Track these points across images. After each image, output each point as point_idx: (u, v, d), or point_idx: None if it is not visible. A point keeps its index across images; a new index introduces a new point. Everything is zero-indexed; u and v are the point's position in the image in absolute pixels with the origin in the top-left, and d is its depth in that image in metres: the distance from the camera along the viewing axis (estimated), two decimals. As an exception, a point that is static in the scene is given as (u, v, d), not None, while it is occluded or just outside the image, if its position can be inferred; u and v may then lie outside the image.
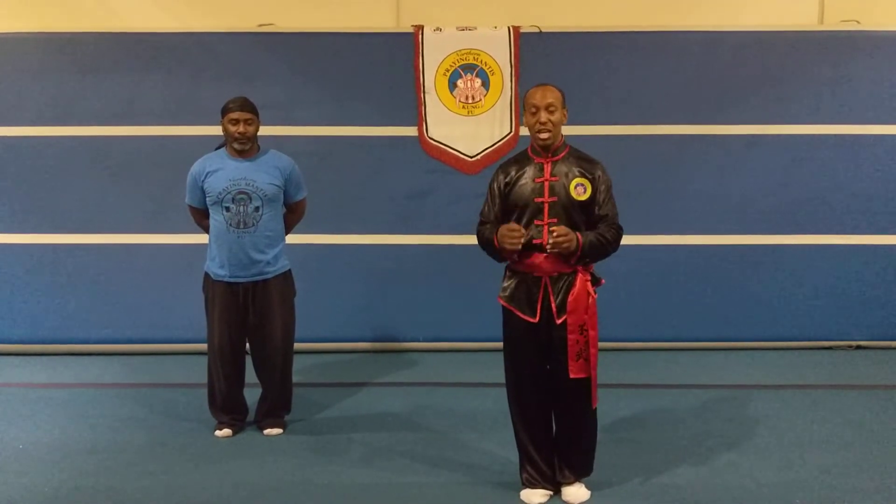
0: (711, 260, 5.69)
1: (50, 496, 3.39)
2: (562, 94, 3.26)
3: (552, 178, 3.22)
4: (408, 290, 5.69)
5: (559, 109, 3.22)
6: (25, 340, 5.61)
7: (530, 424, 3.34)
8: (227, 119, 3.93)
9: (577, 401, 3.26)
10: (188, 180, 4.06)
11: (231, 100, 3.98)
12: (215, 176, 3.95)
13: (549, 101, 3.20)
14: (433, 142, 5.67)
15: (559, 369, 3.22)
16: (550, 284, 3.21)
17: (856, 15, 5.71)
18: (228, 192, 3.92)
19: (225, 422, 4.10)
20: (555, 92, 3.24)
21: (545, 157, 3.26)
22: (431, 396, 4.71)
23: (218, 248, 3.98)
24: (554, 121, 3.20)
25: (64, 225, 5.63)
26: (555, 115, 3.20)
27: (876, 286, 5.68)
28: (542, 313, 3.22)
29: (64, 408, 4.50)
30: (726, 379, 5.04)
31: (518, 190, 3.25)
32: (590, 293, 3.19)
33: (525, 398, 3.33)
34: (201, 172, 4.00)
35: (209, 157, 4.06)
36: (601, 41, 5.65)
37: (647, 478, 3.54)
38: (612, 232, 3.22)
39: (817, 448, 3.88)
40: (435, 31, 5.63)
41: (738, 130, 5.66)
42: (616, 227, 3.24)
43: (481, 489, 3.46)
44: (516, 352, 3.32)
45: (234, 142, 3.95)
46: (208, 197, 3.98)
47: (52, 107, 5.61)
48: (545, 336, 3.23)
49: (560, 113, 3.22)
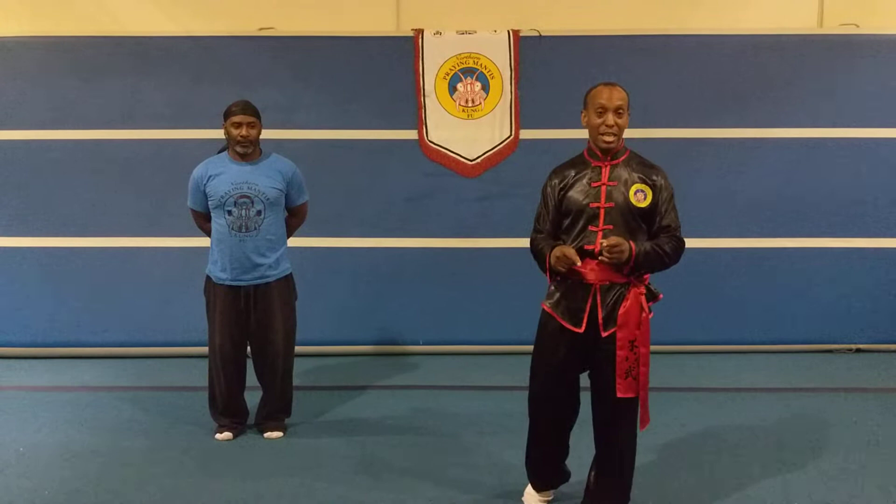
0: (712, 263, 5.70)
1: (51, 499, 3.39)
2: (628, 96, 3.04)
3: (610, 183, 3.03)
4: (408, 293, 5.69)
5: (627, 112, 3.03)
6: (25, 344, 5.60)
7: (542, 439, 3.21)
8: (229, 122, 3.93)
9: (622, 421, 3.06)
10: (190, 184, 4.05)
11: (234, 103, 3.97)
12: (218, 179, 3.94)
13: (617, 104, 2.99)
14: (433, 145, 5.68)
15: (604, 387, 3.03)
16: (600, 294, 3.01)
17: (855, 18, 5.72)
18: (231, 196, 3.91)
19: (225, 425, 4.10)
20: (622, 93, 3.02)
21: (604, 160, 3.07)
22: (432, 400, 4.71)
23: (220, 252, 3.98)
24: (621, 124, 3.01)
25: (64, 228, 5.63)
26: (622, 118, 3.01)
27: (877, 289, 5.68)
28: (588, 324, 3.03)
29: (65, 411, 4.50)
30: (727, 382, 5.05)
31: (573, 194, 3.06)
32: (643, 308, 2.99)
33: (542, 411, 3.17)
34: (203, 176, 3.99)
35: (211, 161, 4.04)
36: (601, 45, 5.66)
37: (647, 481, 3.54)
38: (671, 244, 3.02)
39: (817, 451, 3.88)
40: (435, 35, 5.64)
41: (738, 134, 5.67)
42: (677, 239, 3.05)
43: (482, 493, 3.46)
44: (547, 361, 3.15)
45: (237, 145, 3.94)
46: (211, 200, 3.97)
47: (53, 110, 5.61)
48: (590, 347, 3.04)
49: (627, 116, 3.03)
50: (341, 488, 3.51)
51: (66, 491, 3.47)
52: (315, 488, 3.52)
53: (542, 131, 5.60)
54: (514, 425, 4.25)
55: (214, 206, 3.96)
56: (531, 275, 5.58)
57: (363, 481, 3.59)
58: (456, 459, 3.82)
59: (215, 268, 4.02)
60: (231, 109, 3.94)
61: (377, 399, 4.74)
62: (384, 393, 4.86)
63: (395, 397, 4.76)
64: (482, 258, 5.69)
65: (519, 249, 5.64)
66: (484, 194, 5.69)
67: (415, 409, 4.55)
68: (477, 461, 3.79)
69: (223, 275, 3.98)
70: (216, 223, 3.99)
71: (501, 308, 5.62)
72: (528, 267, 5.60)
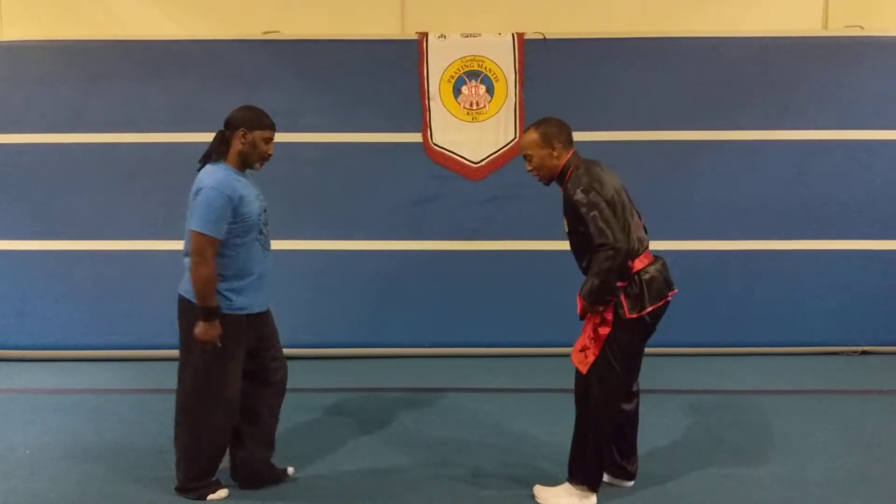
0: (715, 265, 5.69)
1: (57, 501, 3.41)
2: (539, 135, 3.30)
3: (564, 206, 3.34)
4: (413, 295, 5.69)
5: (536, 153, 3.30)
6: (33, 346, 5.63)
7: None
8: (260, 135, 3.39)
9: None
10: (218, 211, 3.26)
11: (263, 113, 3.44)
12: (246, 198, 3.36)
13: (523, 152, 3.36)
14: (438, 148, 5.69)
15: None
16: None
17: (859, 20, 5.72)
18: (261, 213, 3.44)
19: (214, 481, 3.51)
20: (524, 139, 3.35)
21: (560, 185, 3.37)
22: (438, 402, 4.72)
23: (252, 278, 3.42)
24: (535, 166, 3.34)
25: (71, 232, 5.66)
26: (532, 161, 3.33)
27: (881, 291, 5.67)
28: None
29: (71, 414, 4.52)
30: (731, 384, 5.04)
31: None
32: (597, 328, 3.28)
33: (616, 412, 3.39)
34: (235, 198, 3.30)
35: (227, 179, 3.34)
36: (605, 48, 5.67)
37: (647, 483, 3.54)
38: (594, 268, 3.13)
39: (821, 454, 3.88)
40: (439, 38, 5.66)
41: (742, 136, 5.67)
42: (598, 258, 3.11)
43: (489, 493, 3.46)
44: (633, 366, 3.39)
45: (259, 161, 3.44)
46: (245, 223, 3.35)
47: (59, 114, 5.64)
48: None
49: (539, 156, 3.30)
50: (344, 487, 3.52)
51: (72, 493, 3.48)
52: (317, 487, 3.53)
53: (547, 134, 5.60)
54: (519, 428, 4.26)
55: (248, 228, 3.36)
56: (535, 277, 5.63)
57: (367, 482, 3.59)
58: (462, 460, 3.83)
59: (240, 298, 3.39)
60: (265, 122, 3.42)
61: (383, 401, 4.74)
62: (389, 395, 4.86)
63: (401, 399, 4.76)
64: (487, 261, 5.70)
65: (523, 252, 5.69)
66: (489, 197, 5.70)
67: (421, 410, 4.56)
68: (482, 462, 3.79)
69: (251, 302, 3.42)
70: (245, 249, 3.38)
71: (506, 310, 5.62)
72: (532, 269, 5.67)
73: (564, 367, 5.53)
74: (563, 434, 4.02)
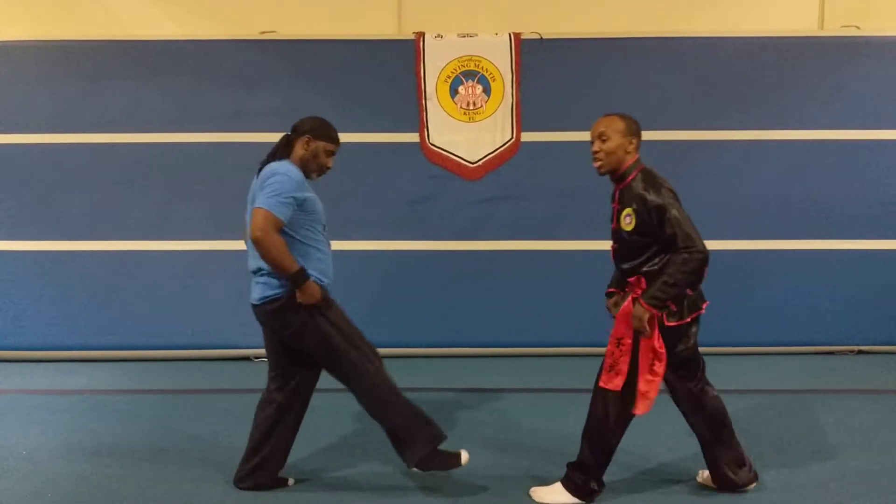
0: (712, 265, 5.65)
1: (54, 501, 3.40)
2: (625, 124, 3.24)
3: (615, 205, 3.25)
4: (410, 295, 5.70)
5: (613, 136, 3.21)
6: (29, 347, 5.62)
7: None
8: (324, 146, 3.43)
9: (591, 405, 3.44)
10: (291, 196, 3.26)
11: (333, 127, 3.47)
12: (312, 196, 3.42)
13: (599, 130, 3.23)
14: (435, 148, 5.69)
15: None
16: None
17: (856, 20, 5.73)
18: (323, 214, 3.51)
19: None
20: (607, 119, 3.25)
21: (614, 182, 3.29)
22: (436, 402, 4.71)
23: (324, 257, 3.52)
24: (606, 150, 3.21)
25: (68, 231, 5.66)
26: (606, 143, 3.21)
27: (878, 291, 5.69)
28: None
29: (67, 414, 4.52)
30: (728, 384, 5.01)
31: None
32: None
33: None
34: (305, 188, 3.37)
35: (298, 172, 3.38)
36: (602, 48, 5.68)
37: (646, 484, 3.54)
38: (672, 268, 3.10)
39: (819, 453, 3.88)
40: (436, 38, 5.66)
41: (739, 136, 5.68)
42: (681, 259, 3.09)
43: (488, 493, 3.46)
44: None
45: (318, 172, 3.46)
46: (314, 214, 3.40)
47: (57, 114, 5.64)
48: None
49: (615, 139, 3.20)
50: (346, 487, 3.52)
51: (69, 494, 3.48)
52: (321, 484, 3.53)
53: (544, 134, 5.61)
54: (518, 427, 4.26)
55: (316, 220, 3.42)
56: (533, 277, 5.64)
57: (370, 481, 3.59)
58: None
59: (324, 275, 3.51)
60: (331, 134, 3.45)
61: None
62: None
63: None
64: (484, 261, 5.70)
65: (520, 252, 5.69)
66: (485, 197, 5.70)
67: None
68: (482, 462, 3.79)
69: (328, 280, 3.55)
70: (314, 238, 3.44)
71: (504, 310, 5.63)
72: (530, 269, 5.67)
73: (563, 367, 5.58)
74: (562, 433, 4.04)
